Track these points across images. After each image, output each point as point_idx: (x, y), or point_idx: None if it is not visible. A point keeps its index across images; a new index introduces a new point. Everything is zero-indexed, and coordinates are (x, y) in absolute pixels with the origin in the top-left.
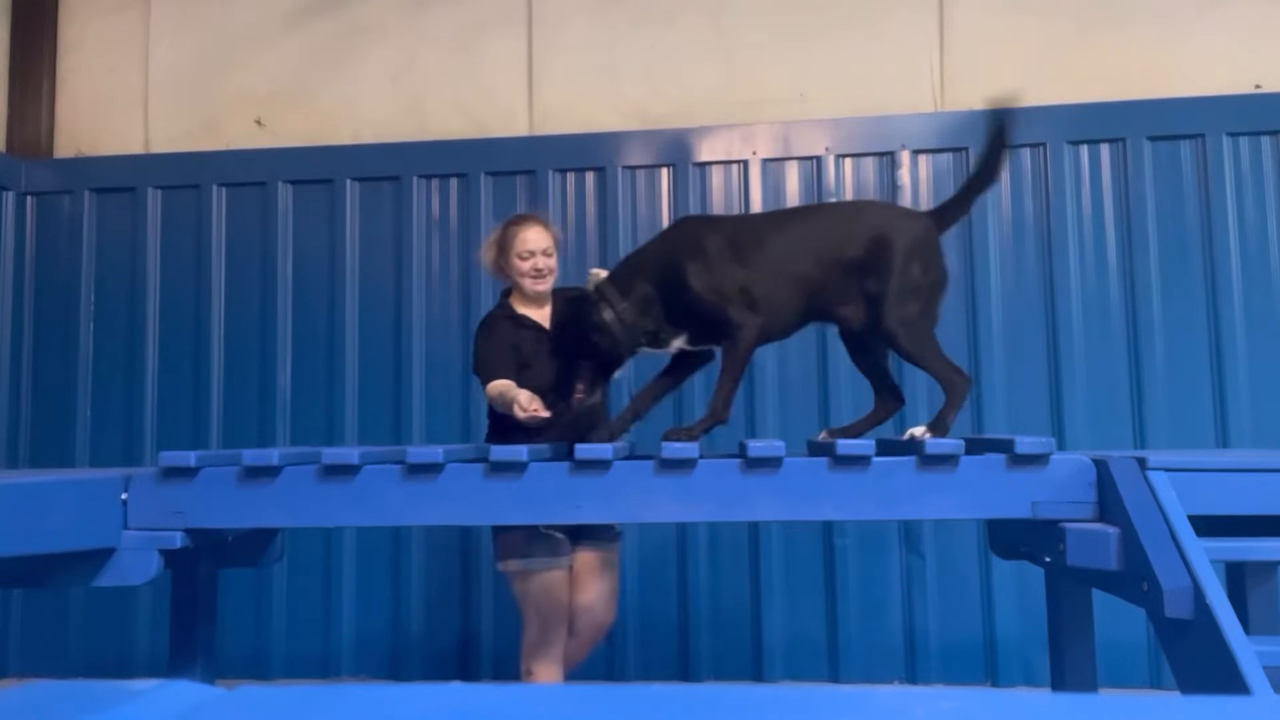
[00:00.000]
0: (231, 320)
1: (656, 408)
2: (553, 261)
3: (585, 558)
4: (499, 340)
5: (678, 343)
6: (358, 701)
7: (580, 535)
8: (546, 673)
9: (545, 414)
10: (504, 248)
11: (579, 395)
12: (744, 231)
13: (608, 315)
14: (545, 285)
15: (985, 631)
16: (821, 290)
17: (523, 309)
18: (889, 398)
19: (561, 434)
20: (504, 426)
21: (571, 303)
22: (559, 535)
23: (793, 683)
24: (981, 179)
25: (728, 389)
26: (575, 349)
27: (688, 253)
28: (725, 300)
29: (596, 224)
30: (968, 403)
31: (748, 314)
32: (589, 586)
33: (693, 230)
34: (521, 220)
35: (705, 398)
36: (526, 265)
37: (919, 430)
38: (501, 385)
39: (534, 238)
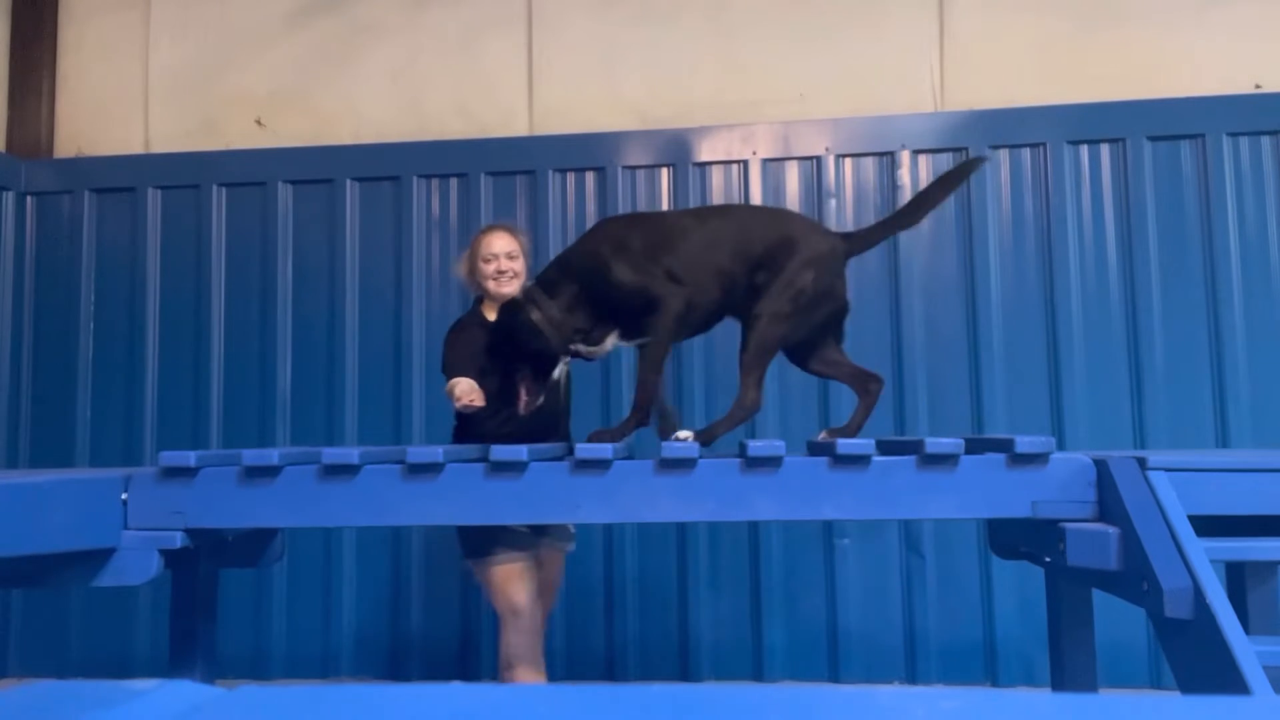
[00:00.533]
0: (231, 320)
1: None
2: (517, 265)
3: (541, 554)
4: (465, 344)
5: (611, 339)
6: (358, 701)
7: (544, 533)
8: (528, 670)
9: (480, 404)
10: (472, 255)
11: (524, 400)
12: (664, 228)
13: (536, 316)
14: (509, 288)
15: (985, 631)
16: (734, 285)
17: (492, 315)
18: (866, 381)
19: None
20: (467, 428)
21: (502, 309)
22: (523, 529)
23: (793, 683)
24: (902, 219)
25: (650, 382)
26: (510, 353)
27: (610, 249)
28: (649, 279)
29: None
30: (968, 402)
31: (671, 285)
32: (542, 586)
33: (614, 228)
34: (487, 229)
35: (705, 400)
36: (490, 268)
37: (685, 434)
38: (464, 384)
39: (497, 243)
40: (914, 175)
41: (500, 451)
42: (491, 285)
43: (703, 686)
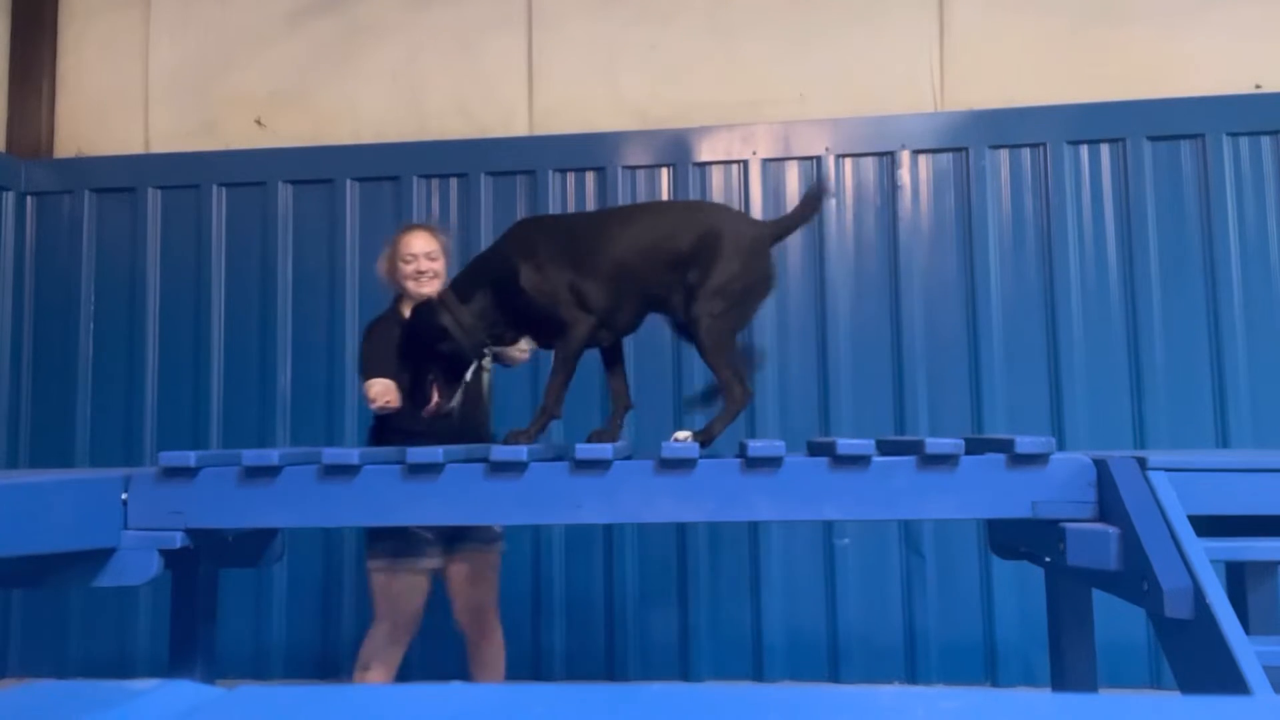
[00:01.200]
0: (231, 320)
1: (656, 414)
2: (437, 265)
3: (464, 561)
4: (382, 343)
5: (525, 344)
6: (358, 701)
7: (460, 538)
8: (381, 672)
9: (396, 404)
10: (391, 255)
11: (435, 403)
12: (580, 230)
13: (447, 320)
14: (429, 288)
15: (985, 631)
16: (657, 283)
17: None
18: (732, 387)
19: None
20: (384, 429)
21: (414, 311)
22: (428, 536)
23: (793, 683)
24: (805, 212)
25: (558, 385)
26: (421, 356)
27: (521, 254)
28: (556, 300)
29: None
30: (968, 402)
31: (578, 313)
32: (467, 590)
33: (527, 232)
34: (408, 228)
35: (706, 408)
36: (409, 269)
37: (684, 434)
38: (380, 385)
39: (417, 243)
40: (914, 175)
41: (500, 452)
42: (411, 285)
43: (703, 686)
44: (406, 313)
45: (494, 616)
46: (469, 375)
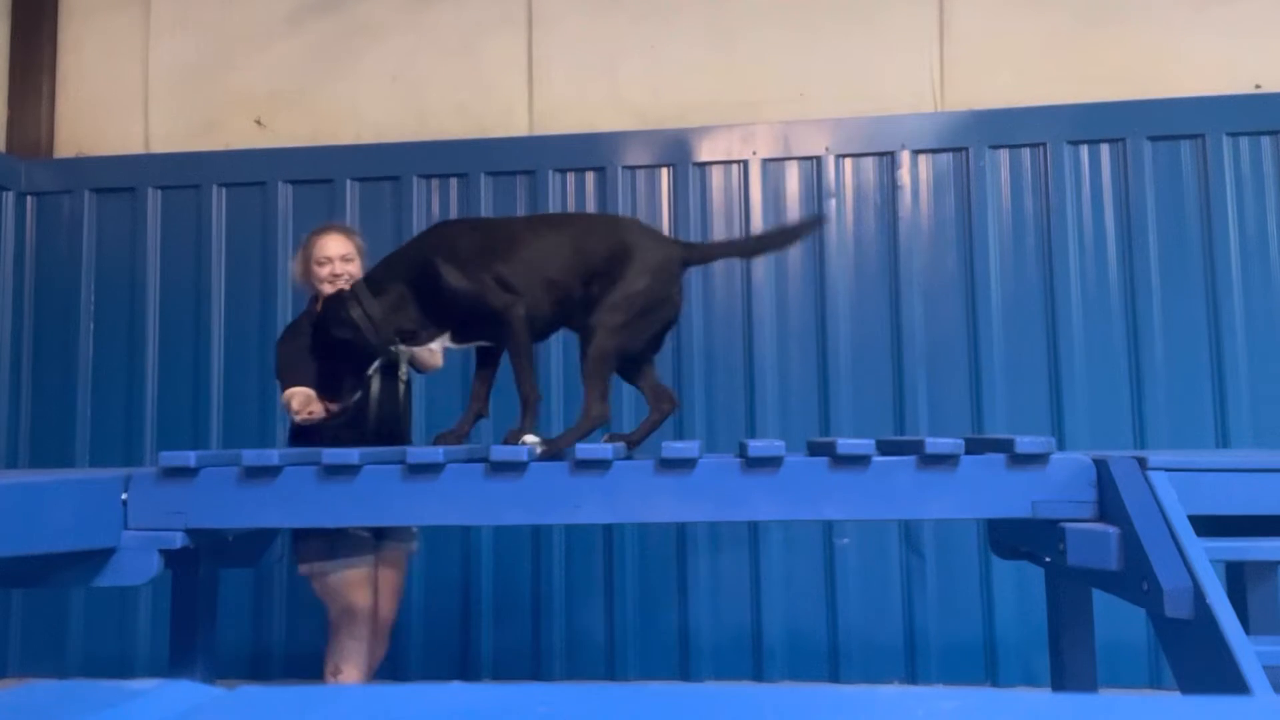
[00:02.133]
0: (231, 320)
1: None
2: (352, 267)
3: (385, 558)
4: (301, 350)
5: (441, 341)
6: (358, 701)
7: (384, 535)
8: (354, 672)
9: (320, 414)
10: (306, 257)
11: (335, 404)
12: (499, 235)
13: (356, 313)
14: None
15: (985, 631)
16: (569, 297)
17: None
18: (660, 399)
19: (361, 438)
20: (302, 431)
21: (324, 303)
22: (364, 534)
23: (793, 683)
24: (743, 248)
25: (525, 372)
26: (329, 349)
27: (442, 254)
28: (483, 290)
29: None
30: (968, 402)
31: (507, 295)
32: (382, 584)
33: (448, 232)
34: (321, 229)
35: (705, 404)
36: (324, 271)
37: (532, 439)
38: (296, 392)
39: (331, 245)
40: (914, 175)
41: (500, 452)
42: (326, 289)
43: (703, 686)
44: None
45: (393, 617)
46: (372, 370)
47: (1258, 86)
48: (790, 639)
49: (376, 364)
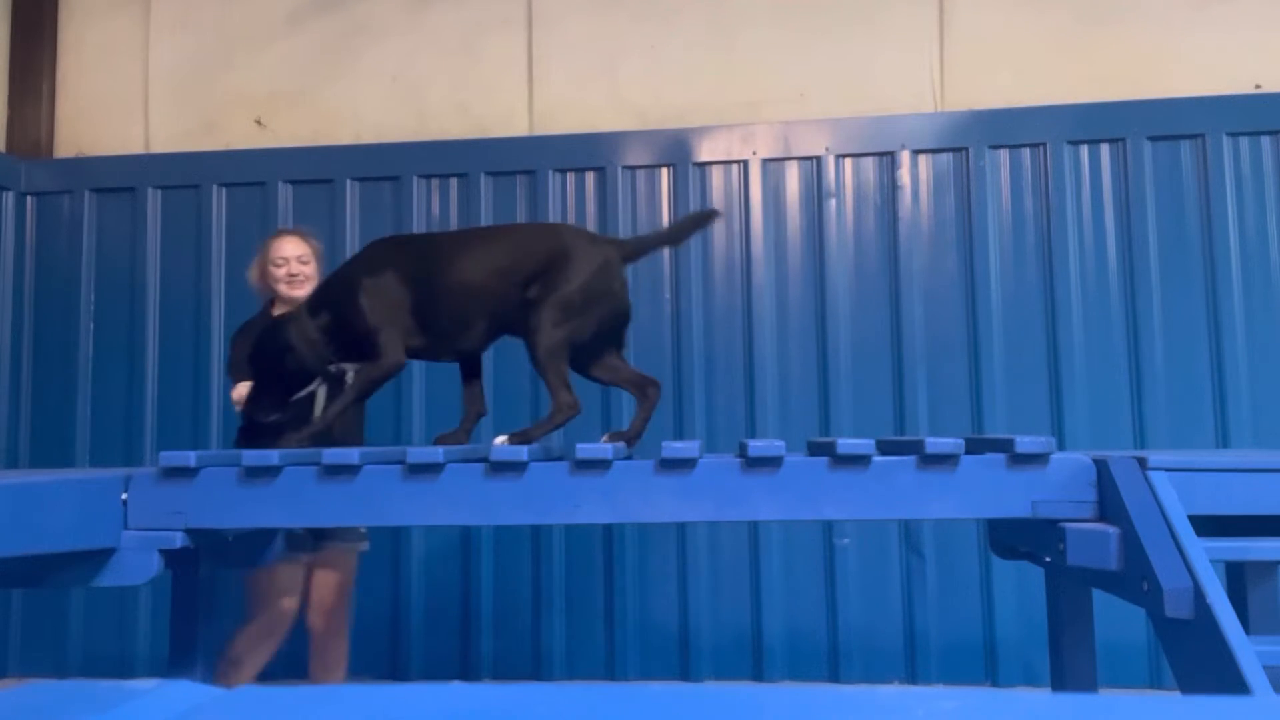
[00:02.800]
0: (231, 320)
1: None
2: (309, 269)
3: (329, 559)
4: (249, 344)
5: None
6: (358, 701)
7: (328, 535)
8: (251, 670)
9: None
10: (262, 261)
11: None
12: (434, 251)
13: (294, 336)
14: (301, 290)
15: (985, 631)
16: (507, 304)
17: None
18: (644, 387)
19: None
20: (250, 432)
21: (266, 326)
22: (300, 532)
23: (793, 683)
24: (672, 236)
25: (339, 407)
26: (270, 368)
27: (366, 273)
28: (380, 325)
29: (597, 224)
30: (968, 402)
31: (395, 348)
32: (326, 588)
33: (374, 253)
34: (278, 234)
35: (706, 403)
36: (281, 272)
37: (501, 439)
38: (244, 388)
39: (287, 247)
40: (914, 175)
41: (500, 451)
42: (284, 288)
43: (703, 686)
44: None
45: (345, 616)
46: (314, 388)
47: (1258, 86)
48: (790, 639)
49: (315, 385)
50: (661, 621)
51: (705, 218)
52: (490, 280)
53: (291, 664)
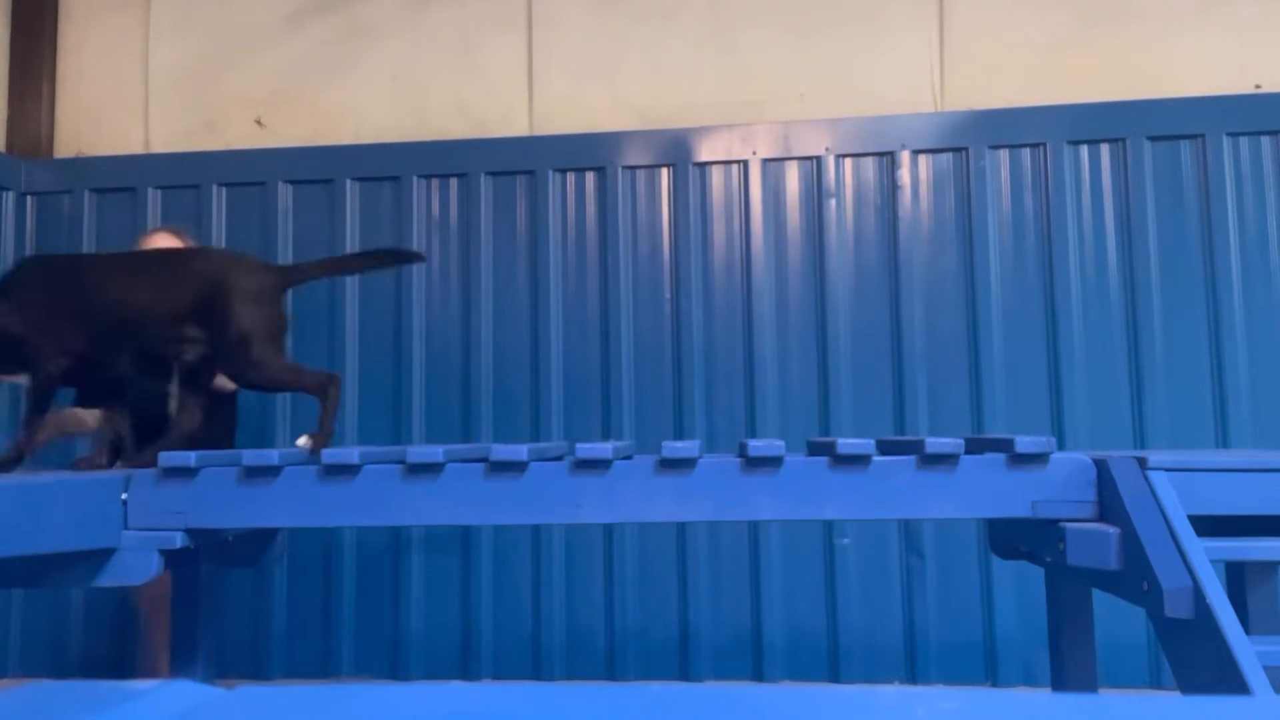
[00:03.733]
0: None
1: (656, 414)
2: None
3: None
4: None
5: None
6: (358, 701)
7: None
8: (166, 667)
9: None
10: None
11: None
12: (79, 276)
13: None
14: None
15: (985, 631)
16: (156, 335)
17: None
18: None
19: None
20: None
21: None
22: None
23: (793, 683)
24: (342, 267)
25: (28, 422)
26: None
27: (17, 294)
28: (32, 336)
29: (596, 224)
30: (968, 402)
31: (54, 357)
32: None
33: (24, 271)
34: (151, 231)
35: (706, 403)
36: None
37: (303, 440)
38: None
39: (158, 243)
40: (914, 175)
41: (500, 451)
42: None
43: (703, 686)
44: None
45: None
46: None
47: (1258, 86)
48: (790, 639)
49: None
50: (661, 621)
51: (399, 257)
52: (137, 313)
53: (292, 664)
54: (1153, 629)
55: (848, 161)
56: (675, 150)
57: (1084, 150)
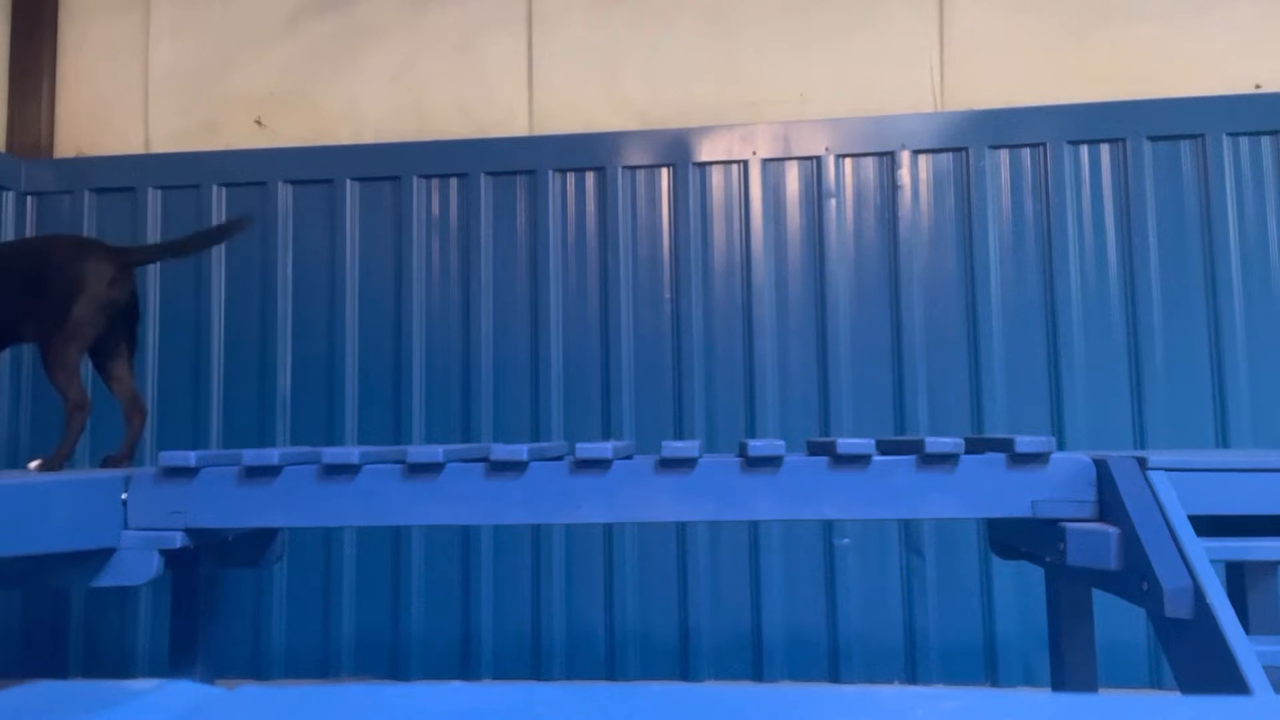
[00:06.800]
0: (231, 320)
1: (656, 414)
2: None
3: None
4: None
5: None
6: (358, 701)
7: None
8: None
9: None
10: None
11: None
12: None
13: None
14: None
15: (985, 631)
16: (9, 315)
17: None
18: (132, 411)
19: None
20: None
21: None
22: None
23: (793, 683)
24: (178, 250)
25: None
26: None
27: None
28: None
29: (596, 224)
30: (968, 402)
31: None
32: None
33: None
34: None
35: (706, 403)
36: None
37: (34, 464)
38: None
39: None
40: (914, 175)
41: (501, 451)
42: None
43: (703, 686)
44: None
45: None
46: None
47: (1258, 86)
48: (790, 639)
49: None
50: (661, 621)
51: (226, 230)
52: None
53: (292, 664)
54: (1153, 629)
55: (848, 161)
56: (675, 150)
57: (1084, 150)
